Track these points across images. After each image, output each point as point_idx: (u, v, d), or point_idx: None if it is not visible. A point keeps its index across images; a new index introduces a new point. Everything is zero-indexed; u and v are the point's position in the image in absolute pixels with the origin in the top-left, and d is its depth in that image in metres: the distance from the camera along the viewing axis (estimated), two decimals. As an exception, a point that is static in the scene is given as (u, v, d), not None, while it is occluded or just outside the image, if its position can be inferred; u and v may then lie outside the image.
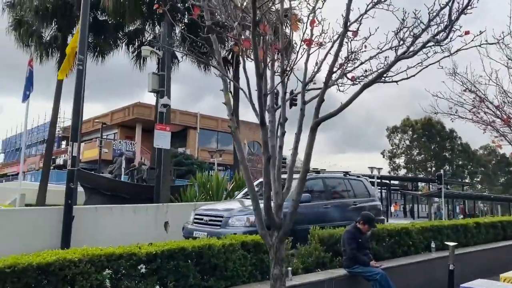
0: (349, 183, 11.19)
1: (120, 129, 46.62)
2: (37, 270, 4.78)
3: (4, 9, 19.59)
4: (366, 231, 7.30)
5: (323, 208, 9.94)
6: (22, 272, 4.68)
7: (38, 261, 4.84)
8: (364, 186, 11.60)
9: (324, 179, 10.61)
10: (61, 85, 19.75)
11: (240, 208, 9.15)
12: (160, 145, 12.94)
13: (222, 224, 8.59)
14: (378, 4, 4.67)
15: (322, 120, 4.47)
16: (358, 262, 7.02)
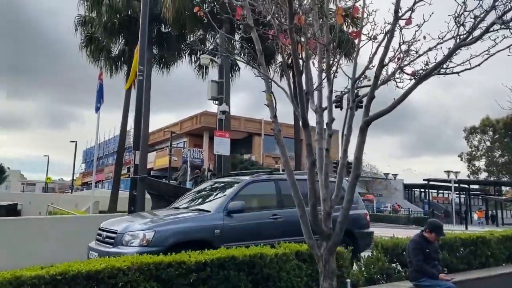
0: None
1: (189, 137, 48.09)
2: (86, 278, 4.81)
3: (77, 27, 20.99)
4: (434, 240, 6.61)
5: (270, 219, 8.00)
6: (72, 280, 4.71)
7: (88, 268, 4.86)
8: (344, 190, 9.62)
9: (279, 182, 8.51)
10: (129, 97, 20.67)
11: (141, 221, 7.52)
12: (220, 152, 12.96)
13: (115, 242, 6.98)
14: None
15: (372, 119, 4.04)
16: (426, 275, 6.37)
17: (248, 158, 41.09)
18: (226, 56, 13.19)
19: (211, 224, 7.37)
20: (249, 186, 8.31)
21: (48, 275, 4.58)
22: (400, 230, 22.72)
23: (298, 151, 22.02)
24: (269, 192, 8.56)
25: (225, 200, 7.81)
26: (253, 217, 7.95)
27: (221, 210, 7.58)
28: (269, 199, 8.60)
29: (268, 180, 8.67)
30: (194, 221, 7.48)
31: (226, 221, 7.48)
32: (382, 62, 4.13)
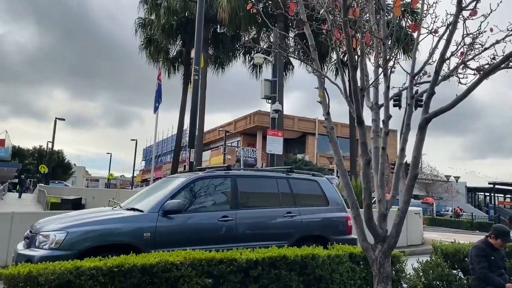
0: (289, 184, 7.83)
1: (242, 136, 48.56)
2: (141, 271, 4.96)
3: (137, 29, 21.87)
4: (500, 247, 6.15)
5: (218, 222, 6.85)
6: (128, 272, 4.88)
7: (143, 262, 5.00)
8: (321, 190, 8.06)
9: (236, 179, 7.38)
10: (186, 97, 21.23)
11: (62, 220, 6.53)
12: (272, 151, 12.94)
13: (29, 242, 6.15)
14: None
15: (432, 116, 3.81)
16: (491, 284, 5.95)
17: (301, 158, 40.78)
18: (280, 55, 13.14)
19: (139, 226, 6.36)
20: (196, 183, 7.22)
21: (106, 267, 4.76)
22: (462, 235, 21.55)
23: (354, 152, 21.53)
24: (222, 190, 7.47)
25: (162, 199, 6.73)
26: (196, 219, 6.86)
27: (155, 210, 6.55)
28: (221, 199, 7.52)
29: (222, 177, 7.46)
30: (120, 222, 6.43)
31: (160, 223, 6.45)
32: (443, 56, 3.90)
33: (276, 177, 7.90)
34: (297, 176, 8.15)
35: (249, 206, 7.41)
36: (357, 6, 3.54)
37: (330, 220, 7.86)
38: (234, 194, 7.26)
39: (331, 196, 8.12)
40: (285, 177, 7.92)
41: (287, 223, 7.41)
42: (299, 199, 7.79)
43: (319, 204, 7.98)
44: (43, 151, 65.78)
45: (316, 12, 4.47)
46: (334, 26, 3.86)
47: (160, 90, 19.24)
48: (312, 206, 7.90)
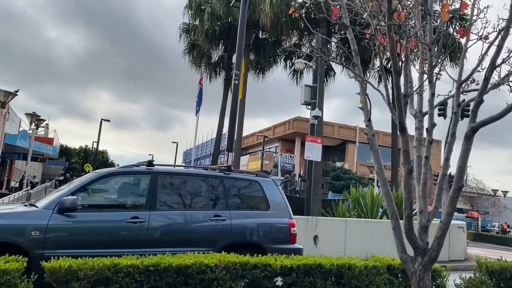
0: (223, 184, 6.96)
1: (281, 142, 48.54)
2: (176, 271, 5.01)
3: (181, 34, 22.39)
4: None
5: (126, 223, 6.07)
6: (163, 272, 4.95)
7: (178, 262, 5.06)
8: (262, 192, 7.16)
9: (158, 177, 6.58)
10: (226, 101, 21.48)
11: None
12: (310, 157, 12.80)
13: None
14: None
15: (480, 125, 3.64)
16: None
17: (340, 166, 40.22)
18: (321, 60, 13.03)
19: (26, 223, 5.66)
20: (107, 179, 6.62)
21: (142, 265, 4.86)
22: (510, 253, 20.47)
23: (395, 162, 20.96)
24: (137, 188, 6.84)
25: (62, 194, 6.12)
26: (99, 219, 6.16)
27: (50, 207, 5.87)
28: (135, 198, 6.79)
29: (139, 173, 6.75)
30: (4, 218, 5.76)
31: (54, 221, 5.75)
32: (493, 63, 3.72)
33: (208, 176, 7.05)
34: (235, 175, 7.28)
35: (169, 208, 6.57)
36: (402, 10, 3.44)
37: (269, 226, 6.88)
38: (152, 193, 6.47)
39: (273, 199, 7.19)
40: (219, 177, 7.05)
41: (213, 228, 6.55)
42: (233, 201, 6.95)
43: (258, 208, 7.14)
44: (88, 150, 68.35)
45: (360, 16, 4.39)
46: (378, 30, 3.77)
47: (201, 94, 19.56)
48: (248, 209, 7.08)
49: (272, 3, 16.94)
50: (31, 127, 21.98)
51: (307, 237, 11.09)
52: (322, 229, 11.25)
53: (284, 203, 7.30)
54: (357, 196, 14.55)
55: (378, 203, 14.01)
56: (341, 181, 35.42)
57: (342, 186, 32.43)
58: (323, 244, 10.97)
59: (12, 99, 16.28)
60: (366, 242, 11.27)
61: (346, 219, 12.13)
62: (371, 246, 10.58)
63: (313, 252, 8.43)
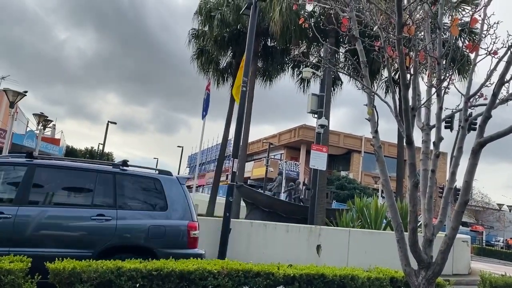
0: (114, 181, 6.37)
1: (286, 150, 48.52)
2: (179, 277, 5.03)
3: (190, 40, 22.55)
4: None
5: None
6: (166, 277, 4.97)
7: (181, 268, 5.08)
8: (162, 190, 6.56)
9: (36, 168, 6.02)
10: (232, 107, 21.53)
11: None
12: (315, 166, 12.79)
13: None
14: None
15: (487, 140, 3.63)
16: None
17: (345, 175, 40.11)
18: (329, 70, 13.06)
19: None
20: None
21: (145, 270, 4.88)
22: (514, 268, 20.24)
23: (401, 173, 20.87)
24: (8, 181, 6.26)
25: None
26: None
27: None
28: (4, 191, 6.23)
29: (13, 165, 6.22)
30: None
31: None
32: (502, 78, 3.72)
33: (97, 172, 6.42)
34: (132, 172, 6.63)
35: (42, 203, 6.05)
36: (412, 24, 3.46)
37: (163, 228, 6.28)
38: (24, 186, 5.93)
39: (174, 199, 6.60)
40: (111, 172, 6.45)
41: (92, 228, 5.97)
42: (123, 199, 6.35)
43: (154, 208, 6.53)
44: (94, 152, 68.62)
45: (369, 28, 4.42)
46: (387, 43, 3.79)
47: (209, 99, 19.63)
48: (141, 209, 6.45)
49: (282, 11, 17.04)
50: (38, 127, 22.15)
51: (310, 246, 11.07)
52: (325, 238, 11.22)
53: (187, 204, 6.67)
54: (361, 206, 14.50)
55: (382, 214, 13.94)
56: (346, 190, 35.33)
57: (346, 196, 32.35)
58: (326, 253, 10.94)
59: (20, 99, 16.43)
60: (369, 253, 11.23)
61: (349, 229, 12.09)
62: (374, 257, 10.54)
63: (315, 261, 8.43)
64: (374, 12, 4.00)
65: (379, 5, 3.77)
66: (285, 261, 6.28)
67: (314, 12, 18.36)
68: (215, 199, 21.41)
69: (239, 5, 19.48)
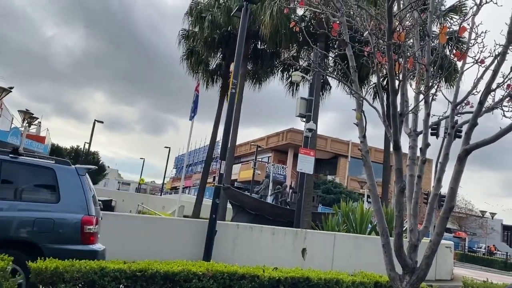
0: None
1: (273, 153, 48.56)
2: (164, 278, 4.98)
3: (180, 41, 22.44)
4: None
5: None
6: (150, 278, 4.91)
7: (166, 269, 5.03)
8: (55, 181, 5.94)
9: None
10: (221, 109, 21.49)
11: None
12: (303, 170, 12.82)
13: None
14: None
15: (473, 147, 3.68)
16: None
17: (332, 180, 40.28)
18: (318, 74, 13.12)
19: None
20: None
21: (129, 270, 4.82)
22: (495, 275, 20.54)
23: (386, 178, 21.03)
24: None
25: None
26: None
27: None
28: None
29: None
30: None
31: None
32: (489, 87, 3.78)
33: None
34: (22, 160, 6.00)
35: None
36: (402, 30, 3.49)
37: (52, 221, 5.68)
38: None
39: (68, 191, 6.00)
40: None
41: None
42: (8, 189, 5.84)
43: (45, 200, 5.95)
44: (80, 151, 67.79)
45: (359, 34, 4.45)
46: (377, 49, 3.82)
47: (197, 101, 19.58)
48: (28, 200, 5.82)
49: (272, 15, 17.06)
50: (23, 124, 21.80)
51: (296, 249, 11.07)
52: (311, 242, 11.24)
53: (83, 197, 6.06)
54: (346, 210, 14.57)
55: (367, 218, 14.02)
56: (332, 194, 35.47)
57: (332, 200, 32.47)
58: (311, 257, 10.95)
59: (5, 96, 16.17)
60: (354, 257, 11.27)
61: (335, 233, 12.13)
62: (359, 262, 10.59)
63: (301, 264, 8.43)
64: (365, 17, 4.03)
65: (370, 11, 3.80)
66: (271, 264, 6.26)
67: (304, 16, 18.44)
68: (201, 201, 21.32)
69: (230, 7, 19.47)
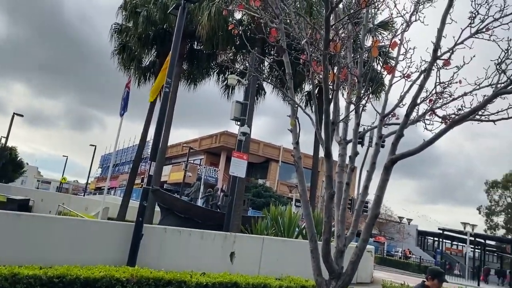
0: None
1: (206, 155, 48.22)
2: (84, 285, 4.68)
3: (112, 35, 21.51)
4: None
5: None
6: (69, 284, 4.59)
7: (87, 275, 4.74)
8: None
9: None
10: (153, 108, 20.87)
11: None
12: (235, 173, 12.81)
13: None
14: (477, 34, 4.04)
15: (399, 157, 3.86)
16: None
17: (262, 183, 40.79)
18: (254, 78, 13.21)
19: None
20: None
21: (46, 276, 4.47)
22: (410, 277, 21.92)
23: (314, 183, 21.67)
24: None
25: None
26: None
27: None
28: None
29: None
30: None
31: None
32: (414, 100, 3.99)
33: None
34: None
35: None
36: (338, 40, 3.58)
37: None
38: None
39: None
40: None
41: None
42: None
43: None
44: (-5, 145, 62.61)
45: (296, 42, 4.50)
46: (313, 58, 3.88)
47: (128, 98, 18.84)
48: None
49: (210, 16, 16.92)
50: None
51: (225, 253, 10.97)
52: (239, 246, 11.20)
53: None
54: (275, 214, 14.74)
55: (295, 222, 14.30)
56: (262, 198, 35.90)
57: (262, 204, 32.86)
58: (240, 261, 10.92)
59: None
60: (281, 261, 11.43)
61: (263, 237, 12.21)
62: (286, 265, 10.74)
63: (229, 269, 8.36)
64: (303, 26, 4.09)
65: (308, 19, 3.85)
66: (199, 269, 6.15)
67: (243, 20, 18.50)
68: (127, 203, 20.49)
69: (167, 4, 19.01)
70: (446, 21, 3.76)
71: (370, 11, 4.50)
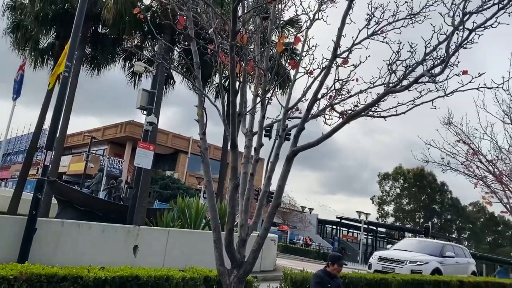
0: None
1: (110, 145, 46.00)
2: (-38, 285, 4.21)
3: (5, 11, 19.46)
4: (337, 272, 6.64)
5: None
6: None
7: (-34, 275, 4.27)
8: None
9: None
10: (51, 93, 19.33)
11: None
12: (140, 164, 12.41)
13: None
14: (373, 36, 4.36)
15: (300, 149, 4.04)
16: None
17: (170, 175, 40.09)
18: (163, 67, 12.87)
19: None
20: None
21: None
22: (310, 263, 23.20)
23: (223, 175, 21.82)
24: None
25: None
26: None
27: None
28: None
29: None
30: None
31: None
32: (315, 96, 4.19)
33: None
34: None
35: None
36: (245, 33, 3.63)
37: None
38: None
39: None
40: None
41: None
42: None
43: None
44: None
45: (205, 31, 4.47)
46: (221, 48, 3.89)
47: (22, 81, 17.28)
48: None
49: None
50: None
51: (128, 247, 10.62)
52: (143, 239, 10.93)
53: None
54: (182, 206, 14.60)
55: (202, 214, 14.30)
56: (169, 190, 35.32)
57: (170, 196, 32.32)
58: (144, 254, 10.66)
59: None
60: (187, 253, 11.37)
61: (169, 229, 12.04)
62: (192, 257, 10.72)
63: (132, 262, 8.12)
64: (211, 15, 4.07)
65: (216, 9, 3.85)
66: (99, 263, 5.87)
67: (151, 6, 17.87)
68: (20, 195, 18.80)
69: (68, -18, 17.71)
70: (346, 22, 4.00)
71: (277, 7, 4.63)
